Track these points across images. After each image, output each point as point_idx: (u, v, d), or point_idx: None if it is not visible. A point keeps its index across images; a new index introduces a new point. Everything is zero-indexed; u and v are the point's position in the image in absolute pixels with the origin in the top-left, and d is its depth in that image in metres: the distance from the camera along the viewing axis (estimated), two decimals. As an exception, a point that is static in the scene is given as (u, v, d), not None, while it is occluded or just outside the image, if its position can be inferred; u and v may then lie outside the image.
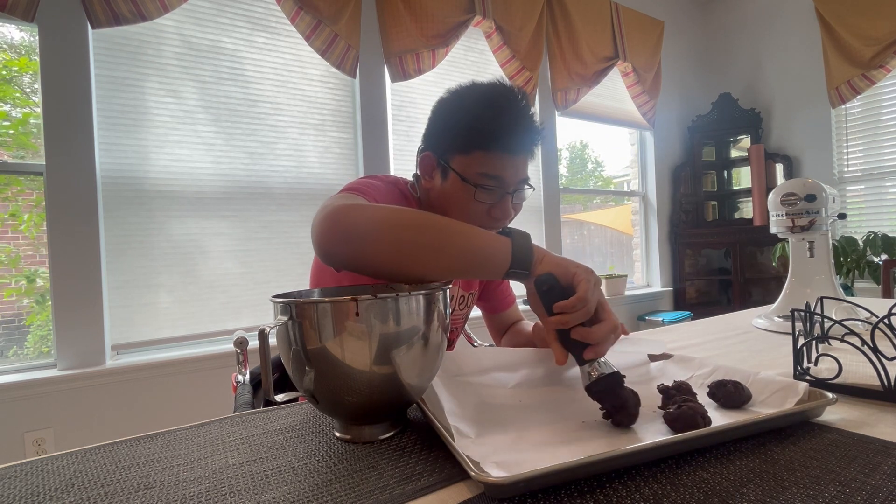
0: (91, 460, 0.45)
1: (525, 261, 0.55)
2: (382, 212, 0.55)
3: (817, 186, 0.88)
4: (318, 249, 0.56)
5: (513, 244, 0.55)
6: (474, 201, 0.73)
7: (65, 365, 1.66)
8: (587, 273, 0.53)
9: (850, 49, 2.97)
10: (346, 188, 0.72)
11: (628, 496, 0.34)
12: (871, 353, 0.52)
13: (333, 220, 0.54)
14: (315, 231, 0.56)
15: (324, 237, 0.55)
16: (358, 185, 0.73)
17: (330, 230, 0.54)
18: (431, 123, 0.78)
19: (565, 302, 0.51)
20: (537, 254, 0.56)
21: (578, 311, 0.51)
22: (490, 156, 0.71)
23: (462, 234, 0.55)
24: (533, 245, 0.56)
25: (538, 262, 0.55)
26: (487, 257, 0.55)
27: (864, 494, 0.33)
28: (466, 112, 0.73)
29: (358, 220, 0.54)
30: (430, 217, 0.56)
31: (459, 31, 2.42)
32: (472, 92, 0.75)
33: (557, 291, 0.53)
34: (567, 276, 0.53)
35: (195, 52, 1.91)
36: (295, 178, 2.12)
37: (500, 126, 0.70)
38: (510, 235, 0.56)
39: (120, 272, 1.77)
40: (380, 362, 0.43)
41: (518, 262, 0.54)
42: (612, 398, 0.47)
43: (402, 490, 0.36)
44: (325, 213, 0.55)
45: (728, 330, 0.96)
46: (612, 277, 3.15)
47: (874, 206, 3.07)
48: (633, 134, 3.60)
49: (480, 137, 0.71)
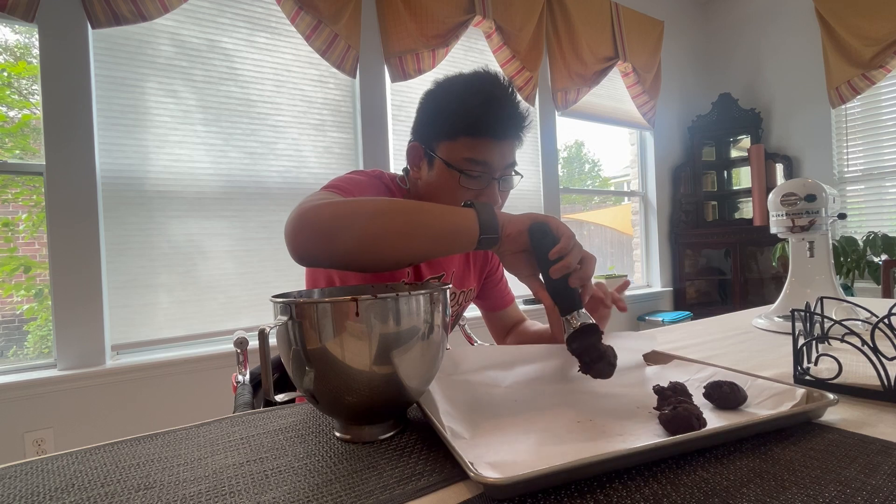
0: (91, 460, 0.45)
1: (492, 226, 0.56)
2: (348, 205, 0.56)
3: (817, 186, 0.88)
4: (292, 252, 0.56)
5: (477, 213, 0.56)
6: (460, 188, 0.74)
7: (65, 365, 1.66)
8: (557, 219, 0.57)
9: (850, 49, 2.97)
10: (325, 186, 0.72)
11: (628, 496, 0.34)
12: (871, 353, 0.52)
13: (301, 221, 0.55)
14: (286, 234, 0.56)
15: (295, 239, 0.55)
16: (337, 182, 0.74)
17: (300, 231, 0.55)
18: (419, 114, 0.79)
19: (559, 246, 0.54)
20: (501, 217, 0.58)
21: (574, 250, 0.54)
22: (475, 141, 0.72)
23: (429, 214, 0.56)
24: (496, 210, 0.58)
25: (505, 224, 0.57)
26: (457, 232, 0.56)
27: (864, 494, 0.33)
28: (451, 99, 0.74)
29: (325, 216, 0.54)
30: (396, 203, 0.57)
31: (459, 32, 2.42)
32: (457, 80, 0.75)
33: (551, 238, 0.55)
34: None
35: (195, 52, 1.91)
36: (295, 178, 2.12)
37: (485, 111, 0.71)
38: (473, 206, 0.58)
39: (120, 272, 1.77)
40: (380, 362, 0.43)
41: (486, 228, 0.56)
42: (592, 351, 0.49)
43: (402, 490, 0.36)
44: (294, 215, 0.56)
45: (728, 330, 0.95)
46: (612, 277, 3.15)
47: (874, 206, 3.07)
48: (633, 134, 3.60)
49: (465, 123, 0.71)
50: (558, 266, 0.54)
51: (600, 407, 0.52)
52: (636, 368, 0.63)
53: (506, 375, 0.60)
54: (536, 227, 0.55)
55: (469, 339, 1.34)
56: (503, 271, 1.02)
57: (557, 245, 0.54)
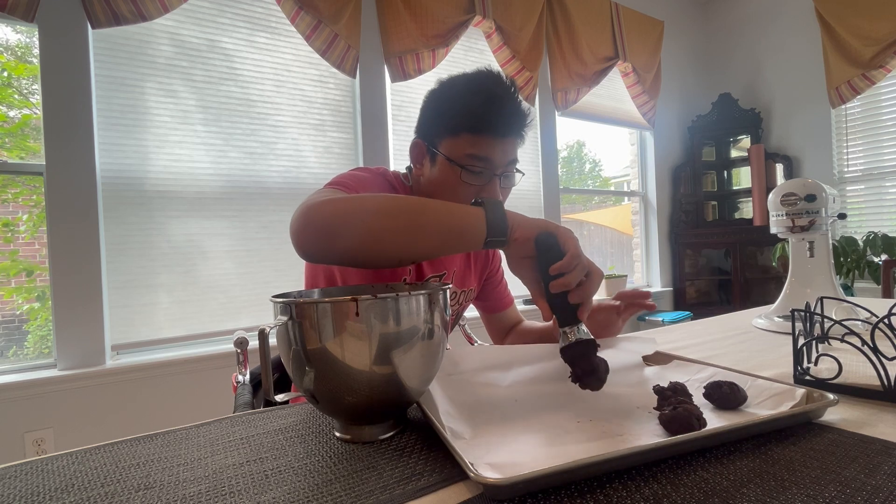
0: (91, 460, 0.45)
1: (501, 228, 0.55)
2: (353, 202, 0.55)
3: (817, 186, 0.88)
4: (297, 248, 0.56)
5: (486, 213, 0.55)
6: (462, 184, 0.74)
7: (65, 365, 1.66)
8: (568, 231, 0.54)
9: (850, 49, 2.97)
10: (330, 183, 0.72)
11: (628, 496, 0.34)
12: (871, 353, 0.52)
13: (306, 218, 0.55)
14: (291, 231, 0.56)
15: (300, 236, 0.55)
16: (341, 179, 0.74)
17: (304, 228, 0.55)
18: (422, 112, 0.80)
19: (561, 263, 0.52)
20: (512, 219, 0.56)
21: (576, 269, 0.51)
22: (477, 138, 0.73)
23: (435, 212, 0.55)
24: (507, 211, 0.56)
25: (514, 227, 0.55)
26: (463, 231, 0.55)
27: (864, 494, 0.33)
28: (454, 96, 0.75)
29: (329, 213, 0.54)
30: (401, 200, 0.56)
31: (459, 32, 2.42)
32: (459, 79, 0.77)
33: (556, 251, 0.53)
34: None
35: (195, 52, 1.91)
36: (295, 178, 2.12)
37: (488, 108, 0.72)
38: (482, 205, 0.56)
39: (120, 272, 1.77)
40: (380, 362, 0.43)
41: (494, 230, 0.55)
42: (584, 363, 0.49)
43: (402, 490, 0.36)
44: (299, 212, 0.56)
45: (728, 330, 0.95)
46: (612, 277, 3.15)
47: (874, 206, 3.07)
48: (633, 134, 3.60)
49: (468, 119, 0.72)
50: (557, 283, 0.52)
51: (600, 407, 0.52)
52: (636, 369, 0.63)
53: (506, 375, 0.60)
54: (543, 238, 0.53)
55: (469, 339, 1.34)
56: (503, 272, 1.02)
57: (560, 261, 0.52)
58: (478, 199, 0.57)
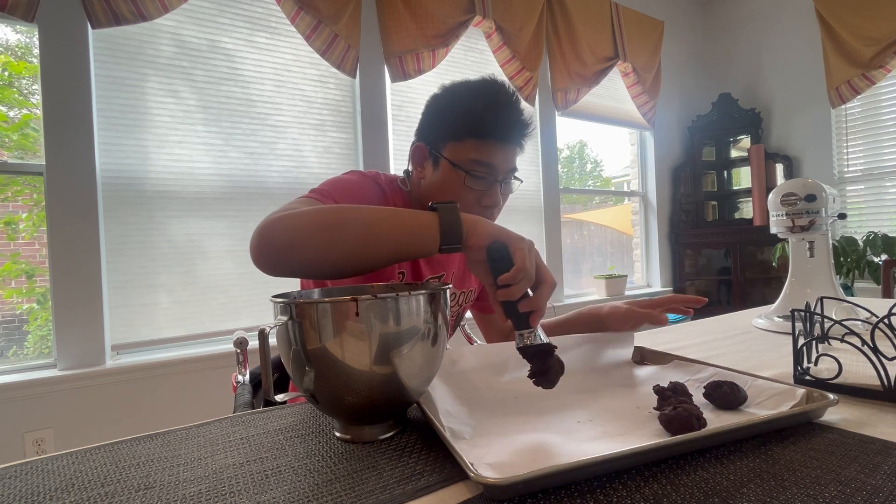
0: (91, 460, 0.45)
1: (455, 234, 0.54)
2: (303, 217, 0.56)
3: (817, 186, 0.88)
4: (256, 265, 0.58)
5: (440, 219, 0.54)
6: (464, 188, 0.75)
7: (65, 365, 1.66)
8: (521, 241, 0.53)
9: (850, 49, 2.97)
10: (311, 190, 0.73)
11: (628, 496, 0.34)
12: (871, 353, 0.52)
13: (260, 237, 0.56)
14: (250, 248, 0.58)
15: (255, 253, 0.57)
16: (323, 185, 0.74)
17: (258, 247, 0.56)
18: (424, 117, 0.81)
19: (507, 275, 0.51)
20: (469, 224, 0.55)
21: (521, 282, 0.51)
22: (481, 143, 0.74)
23: (385, 222, 0.55)
24: (463, 215, 0.55)
25: (470, 233, 0.54)
26: (414, 240, 0.55)
27: (864, 494, 0.33)
28: (459, 103, 0.76)
29: (280, 230, 0.55)
30: (351, 211, 0.57)
31: (459, 32, 2.42)
32: (464, 85, 0.78)
33: (507, 261, 0.53)
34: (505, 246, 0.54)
35: (195, 52, 1.91)
36: (295, 178, 2.12)
37: (492, 115, 0.73)
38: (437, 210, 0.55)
39: (120, 272, 1.77)
40: (380, 362, 0.43)
41: (448, 237, 0.54)
42: (539, 362, 0.50)
43: (402, 490, 0.36)
44: (256, 230, 0.57)
45: (728, 330, 0.95)
46: (612, 277, 3.15)
47: (874, 206, 3.07)
48: (633, 134, 3.60)
49: (473, 125, 0.74)
50: (501, 293, 0.52)
51: (600, 407, 0.52)
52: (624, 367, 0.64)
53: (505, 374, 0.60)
54: (494, 248, 0.53)
55: (469, 339, 1.35)
56: None
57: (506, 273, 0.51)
58: (433, 203, 0.56)
